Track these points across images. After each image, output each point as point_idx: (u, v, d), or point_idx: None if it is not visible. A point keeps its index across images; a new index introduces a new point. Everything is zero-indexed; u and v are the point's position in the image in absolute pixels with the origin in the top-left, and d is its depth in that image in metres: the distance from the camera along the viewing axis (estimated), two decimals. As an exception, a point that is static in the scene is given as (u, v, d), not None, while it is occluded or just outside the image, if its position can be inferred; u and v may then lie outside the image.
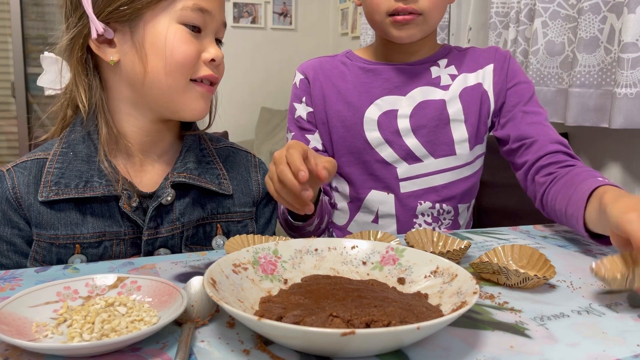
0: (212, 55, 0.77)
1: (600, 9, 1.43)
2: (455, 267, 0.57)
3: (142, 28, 0.74)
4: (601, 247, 0.83)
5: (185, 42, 0.74)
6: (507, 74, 1.02)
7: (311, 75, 1.06)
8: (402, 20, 0.93)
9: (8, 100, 3.48)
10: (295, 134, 1.06)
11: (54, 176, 0.75)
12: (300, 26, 3.90)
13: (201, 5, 0.74)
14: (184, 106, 0.78)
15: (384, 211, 1.03)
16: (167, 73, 0.74)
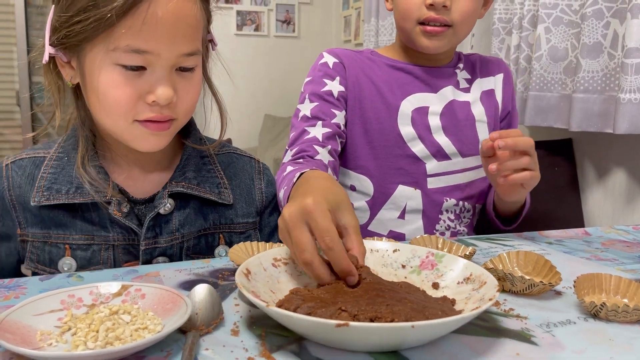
0: (155, 97, 0.68)
1: (603, 14, 1.43)
2: (487, 275, 0.57)
3: (84, 61, 0.69)
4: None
5: (117, 86, 0.67)
6: (512, 94, 1.10)
7: (346, 62, 1.04)
8: (432, 31, 0.94)
9: (13, 109, 3.50)
10: (319, 104, 0.99)
11: (47, 181, 0.75)
12: (303, 34, 3.91)
13: (136, 47, 0.65)
14: (132, 144, 0.74)
15: (412, 207, 1.03)
16: (103, 114, 0.71)
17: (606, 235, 0.96)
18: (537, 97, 1.62)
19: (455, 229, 1.04)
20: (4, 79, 3.49)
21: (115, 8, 0.63)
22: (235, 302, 0.60)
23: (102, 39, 0.66)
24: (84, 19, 0.65)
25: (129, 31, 0.65)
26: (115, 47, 0.66)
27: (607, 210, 1.59)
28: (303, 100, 1.02)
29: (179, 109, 0.72)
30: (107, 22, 0.64)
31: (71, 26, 0.66)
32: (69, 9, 0.66)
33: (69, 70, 0.73)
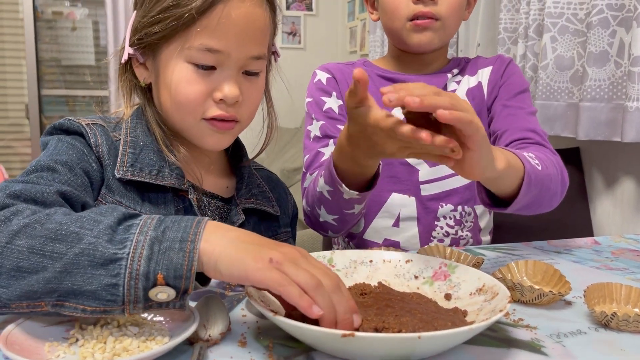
0: (222, 95, 0.73)
1: (609, 23, 1.43)
2: (499, 285, 0.57)
3: (160, 61, 0.74)
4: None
5: (189, 82, 0.72)
6: (503, 74, 1.04)
7: (338, 76, 1.06)
8: (422, 24, 0.95)
9: (22, 122, 3.54)
10: (325, 122, 1.02)
11: (129, 159, 0.75)
12: (308, 45, 3.93)
13: (209, 46, 0.71)
14: (198, 140, 0.78)
15: (406, 214, 1.02)
16: (174, 109, 0.75)
17: (616, 244, 0.95)
18: (544, 106, 1.62)
19: (457, 235, 1.03)
20: (13, 92, 3.53)
21: (194, 8, 0.69)
22: (242, 312, 0.60)
23: (178, 37, 0.71)
24: (165, 18, 0.71)
25: (204, 30, 0.70)
26: (190, 46, 0.71)
27: (617, 219, 1.58)
28: (310, 121, 1.04)
29: (243, 110, 0.76)
30: (186, 21, 0.70)
31: (152, 25, 0.72)
32: (153, 9, 0.72)
33: (144, 71, 0.78)
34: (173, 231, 0.51)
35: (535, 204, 0.84)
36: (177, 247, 0.50)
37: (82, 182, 0.69)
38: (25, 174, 0.66)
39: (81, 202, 0.66)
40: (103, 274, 0.49)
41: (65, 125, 0.75)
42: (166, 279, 0.49)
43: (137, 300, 0.49)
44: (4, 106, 3.52)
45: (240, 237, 0.52)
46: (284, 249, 0.52)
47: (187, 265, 0.49)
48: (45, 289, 0.49)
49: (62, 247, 0.50)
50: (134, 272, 0.49)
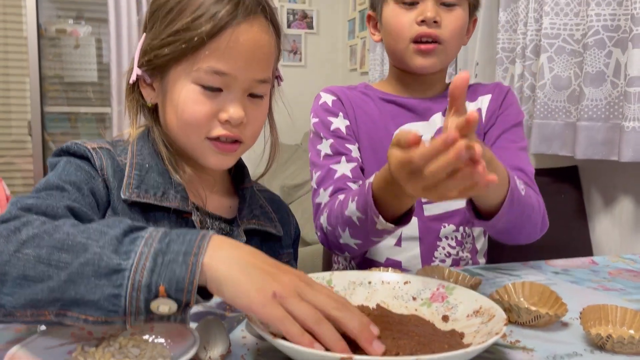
0: (227, 116, 0.74)
1: (605, 44, 1.45)
2: (495, 308, 0.58)
3: (167, 82, 0.76)
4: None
5: (196, 103, 0.74)
6: (502, 103, 1.06)
7: (343, 97, 1.08)
8: (425, 49, 0.97)
9: (24, 138, 3.56)
10: (335, 141, 1.03)
11: (135, 180, 0.76)
12: (309, 63, 3.97)
13: (217, 69, 0.73)
14: (202, 159, 0.79)
15: (408, 234, 1.03)
16: (179, 129, 0.77)
17: (613, 264, 0.96)
18: (541, 125, 1.64)
19: (458, 256, 1.03)
20: (16, 109, 3.56)
21: (204, 32, 0.71)
22: (242, 334, 0.61)
23: (187, 59, 0.73)
24: (175, 41, 0.73)
25: (213, 54, 0.72)
26: (198, 68, 0.73)
27: (615, 237, 1.59)
28: (319, 140, 1.05)
29: (247, 131, 0.78)
30: (196, 44, 0.72)
31: (162, 47, 0.74)
32: (163, 32, 0.74)
33: (150, 91, 0.80)
34: (177, 244, 0.52)
35: (516, 228, 0.85)
36: (181, 260, 0.50)
37: (89, 202, 0.71)
38: (35, 192, 0.67)
39: (89, 220, 0.67)
40: (106, 284, 0.49)
41: (72, 149, 0.76)
42: (168, 291, 0.49)
43: (139, 312, 0.50)
44: (7, 123, 3.55)
45: (244, 258, 0.53)
46: (286, 278, 0.52)
47: (189, 279, 0.50)
48: (49, 298, 0.50)
49: (67, 257, 0.51)
50: (137, 284, 0.49)
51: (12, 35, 3.52)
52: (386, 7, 1.01)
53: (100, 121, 3.73)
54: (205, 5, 0.72)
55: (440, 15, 0.96)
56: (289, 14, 3.92)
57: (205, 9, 0.72)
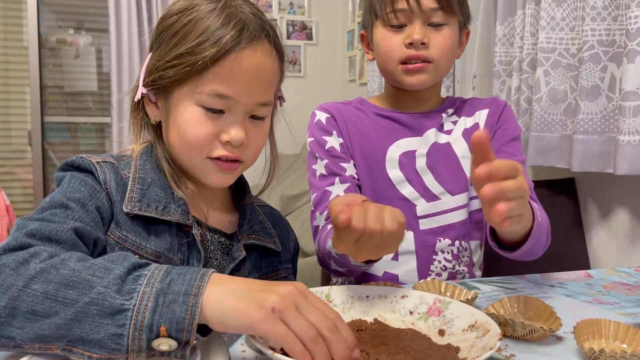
0: (229, 137, 0.76)
1: (600, 58, 1.47)
2: (490, 322, 0.58)
3: (171, 102, 0.78)
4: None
5: (198, 124, 0.76)
6: (499, 118, 1.08)
7: (336, 114, 1.10)
8: (413, 68, 0.99)
9: (24, 148, 3.57)
10: (329, 161, 1.05)
11: (137, 194, 0.78)
12: (309, 73, 4.00)
13: (219, 92, 0.75)
14: (202, 177, 0.81)
15: (404, 248, 1.04)
16: (181, 148, 0.79)
17: (608, 277, 0.97)
18: (538, 138, 1.65)
19: (454, 270, 1.04)
20: (16, 119, 3.57)
21: (208, 57, 0.73)
22: (242, 348, 0.62)
23: (190, 82, 0.75)
24: (179, 64, 0.75)
25: (216, 77, 0.74)
26: (201, 91, 0.75)
27: (612, 249, 1.60)
28: (314, 160, 1.07)
29: (247, 151, 0.80)
30: (199, 68, 0.74)
31: (166, 69, 0.76)
32: (168, 54, 0.76)
33: (154, 109, 0.82)
34: (178, 284, 0.53)
35: (533, 252, 0.89)
36: (181, 301, 0.52)
37: (93, 218, 0.72)
38: (40, 211, 0.69)
39: (93, 238, 0.70)
40: (110, 323, 0.51)
41: (77, 163, 0.78)
42: (169, 332, 0.51)
43: (141, 349, 0.52)
44: (7, 132, 3.56)
45: (241, 286, 0.54)
46: (283, 290, 0.53)
47: (189, 319, 0.51)
48: (56, 335, 0.52)
49: (74, 294, 0.53)
50: (139, 324, 0.51)
51: (13, 45, 3.54)
52: (376, 30, 1.03)
53: (99, 131, 3.74)
54: (210, 30, 0.74)
55: (428, 35, 0.98)
56: (289, 25, 3.95)
57: (210, 33, 0.74)
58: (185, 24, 0.76)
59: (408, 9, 0.97)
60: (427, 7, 0.97)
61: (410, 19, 0.98)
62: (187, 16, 0.76)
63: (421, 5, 0.97)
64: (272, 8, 3.93)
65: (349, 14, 3.87)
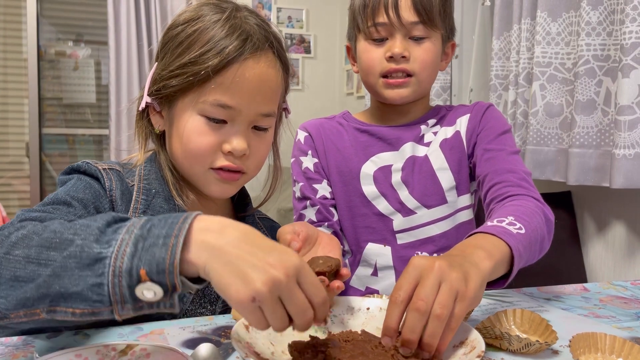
0: (231, 147, 0.77)
1: (595, 73, 1.49)
2: (479, 340, 0.58)
3: (175, 112, 0.79)
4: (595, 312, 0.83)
5: (200, 134, 0.76)
6: (481, 120, 1.05)
7: (314, 133, 1.11)
8: (394, 82, 0.99)
9: (22, 159, 3.56)
10: (304, 184, 1.08)
11: (142, 205, 0.78)
12: (306, 86, 4.02)
13: (222, 102, 0.75)
14: (204, 188, 0.82)
15: (382, 264, 1.04)
16: (184, 158, 0.79)
17: (604, 291, 0.97)
18: (534, 151, 1.66)
19: None
20: (14, 130, 3.57)
21: (211, 66, 0.74)
22: (237, 361, 0.61)
23: (194, 91, 0.76)
24: (182, 74, 0.75)
25: (219, 87, 0.75)
26: (204, 100, 0.76)
27: (609, 263, 1.60)
28: (294, 182, 1.11)
29: (250, 162, 0.81)
30: (202, 78, 0.74)
31: (170, 79, 0.77)
32: (172, 64, 0.77)
33: (159, 118, 0.83)
34: (159, 228, 0.51)
35: (529, 261, 0.83)
36: (161, 243, 0.50)
37: None
38: (42, 205, 0.69)
39: None
40: (89, 274, 0.50)
41: (83, 168, 0.78)
42: (149, 274, 0.49)
43: (124, 300, 0.49)
44: (4, 144, 3.56)
45: (227, 250, 0.50)
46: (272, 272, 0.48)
47: (169, 259, 0.49)
48: (38, 295, 0.51)
49: (55, 254, 0.51)
50: (117, 270, 0.49)
51: (12, 57, 3.55)
52: (358, 43, 1.04)
53: (97, 143, 3.74)
54: (214, 40, 0.75)
55: (409, 49, 0.98)
56: (287, 39, 3.97)
57: (214, 43, 0.74)
58: (190, 34, 0.76)
59: (389, 22, 0.97)
60: (407, 21, 0.97)
61: (391, 33, 0.98)
62: (192, 26, 0.77)
63: (402, 19, 0.97)
64: (271, 21, 3.95)
65: (346, 28, 3.90)
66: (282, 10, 3.97)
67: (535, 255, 0.85)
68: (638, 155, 1.35)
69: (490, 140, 1.02)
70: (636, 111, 1.34)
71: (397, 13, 0.96)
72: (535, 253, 0.85)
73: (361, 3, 1.01)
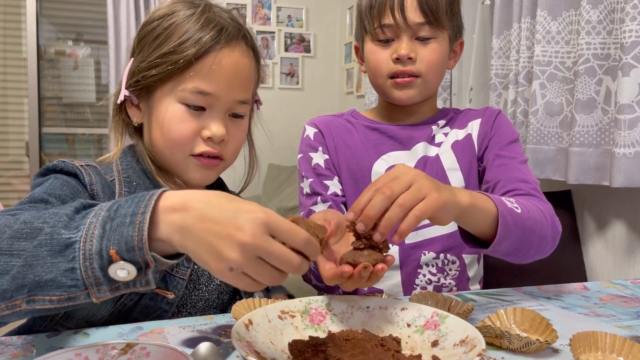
0: (210, 133, 0.80)
1: (595, 72, 1.48)
2: (479, 338, 0.58)
3: (154, 102, 0.82)
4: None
5: (180, 121, 0.80)
6: (493, 125, 1.07)
7: (324, 129, 1.10)
8: (402, 82, 1.00)
9: (22, 159, 3.56)
10: (314, 180, 1.07)
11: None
12: (306, 86, 4.01)
13: (201, 89, 0.79)
14: (185, 175, 0.84)
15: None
16: (164, 146, 0.82)
17: (605, 290, 0.97)
18: (534, 150, 1.66)
19: (439, 283, 1.03)
20: (14, 130, 3.57)
21: (189, 55, 0.78)
22: (237, 359, 0.61)
23: (172, 80, 0.79)
24: (162, 63, 0.79)
25: (197, 75, 0.79)
26: (183, 88, 0.79)
27: (609, 262, 1.60)
28: (301, 178, 1.09)
29: (228, 148, 0.84)
30: (181, 66, 0.78)
31: (150, 69, 0.80)
32: (150, 56, 0.80)
33: (136, 111, 0.85)
34: (125, 207, 0.52)
35: (523, 248, 0.85)
36: (128, 222, 0.51)
37: None
38: (19, 204, 0.69)
39: None
40: (61, 260, 0.51)
41: (59, 167, 0.79)
42: (119, 254, 0.50)
43: (99, 282, 0.50)
44: (4, 144, 3.56)
45: (195, 226, 0.51)
46: (243, 239, 0.48)
47: (137, 236, 0.50)
48: (14, 286, 0.51)
49: (26, 244, 0.52)
50: (87, 253, 0.50)
51: (12, 57, 3.55)
52: (366, 44, 1.04)
53: (97, 142, 3.74)
54: (190, 31, 0.79)
55: (416, 50, 0.98)
56: (287, 38, 3.97)
57: (191, 34, 0.79)
58: (166, 28, 0.80)
59: (394, 24, 0.97)
60: (413, 22, 0.97)
61: (398, 34, 0.98)
62: (168, 21, 0.81)
63: (407, 20, 0.97)
64: (271, 20, 3.95)
65: (346, 26, 3.90)
66: (281, 9, 3.97)
67: (532, 246, 0.87)
68: (638, 154, 1.34)
69: (502, 147, 1.04)
70: (636, 110, 1.34)
71: (403, 14, 0.97)
72: (533, 244, 0.87)
73: (367, 4, 1.01)
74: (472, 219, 0.78)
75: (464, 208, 0.73)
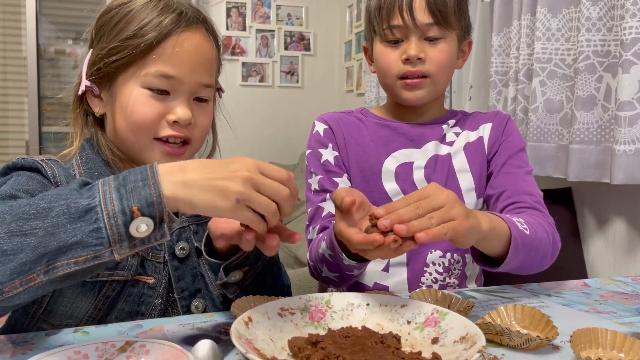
0: (176, 117, 0.80)
1: (595, 69, 1.48)
2: (480, 335, 0.58)
3: (116, 89, 0.81)
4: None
5: (144, 104, 0.79)
6: (504, 131, 1.09)
7: (334, 125, 1.10)
8: (412, 83, 1.00)
9: (22, 158, 3.56)
10: (323, 176, 1.06)
11: None
12: (306, 84, 4.01)
13: (164, 72, 0.79)
14: (148, 162, 0.83)
15: (395, 260, 1.04)
16: (128, 131, 0.81)
17: (605, 286, 0.97)
18: (534, 147, 1.66)
19: (445, 282, 1.03)
20: (14, 129, 3.57)
21: (151, 37, 0.78)
22: (237, 357, 0.61)
23: (134, 65, 0.80)
24: (123, 48, 0.79)
25: (160, 58, 0.79)
26: (147, 72, 0.79)
27: (609, 259, 1.60)
28: (310, 174, 1.09)
29: (195, 132, 0.84)
30: (143, 49, 0.78)
31: (111, 56, 0.80)
32: (112, 41, 0.80)
33: (98, 102, 0.85)
34: (132, 176, 0.57)
35: (526, 266, 0.89)
36: (141, 185, 0.56)
37: None
38: None
39: None
40: (83, 224, 0.54)
41: (20, 164, 0.79)
42: (141, 210, 0.54)
43: (121, 238, 0.54)
44: (4, 143, 3.56)
45: (194, 177, 0.58)
46: (241, 174, 0.57)
47: (155, 193, 0.55)
48: (34, 257, 0.53)
49: (38, 222, 0.54)
50: (111, 212, 0.54)
51: (12, 56, 3.55)
52: (375, 45, 1.04)
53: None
54: (150, 16, 0.80)
55: (425, 50, 0.98)
56: (287, 36, 3.97)
57: (151, 18, 0.80)
58: (125, 15, 0.81)
59: (403, 24, 0.98)
60: (422, 23, 0.97)
61: (406, 35, 0.99)
62: (126, 8, 0.81)
63: (416, 21, 0.97)
64: (270, 19, 3.95)
65: (346, 25, 3.90)
66: (281, 7, 3.97)
67: (533, 264, 0.91)
68: (638, 151, 1.34)
69: (512, 155, 1.06)
70: (636, 107, 1.34)
71: (412, 15, 0.97)
72: (535, 262, 0.91)
73: (376, 5, 1.01)
74: (489, 243, 0.81)
75: (485, 233, 0.76)
